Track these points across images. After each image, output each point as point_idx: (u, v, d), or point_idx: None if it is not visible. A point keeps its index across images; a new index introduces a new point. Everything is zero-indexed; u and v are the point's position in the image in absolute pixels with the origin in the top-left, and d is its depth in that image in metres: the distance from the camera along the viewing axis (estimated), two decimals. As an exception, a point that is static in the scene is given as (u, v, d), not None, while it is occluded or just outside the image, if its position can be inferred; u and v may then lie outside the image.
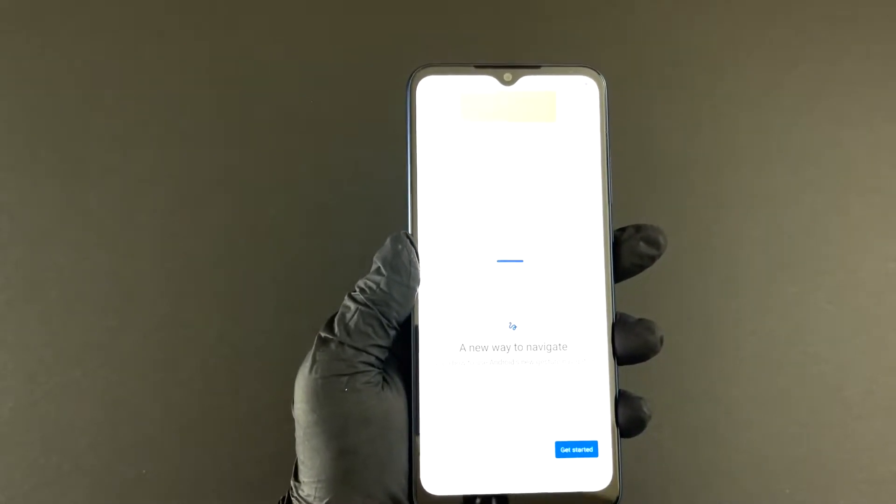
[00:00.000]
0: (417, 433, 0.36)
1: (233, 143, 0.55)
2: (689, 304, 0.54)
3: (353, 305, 0.35)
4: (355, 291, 0.36)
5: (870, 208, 0.55)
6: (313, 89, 0.55)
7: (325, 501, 0.34)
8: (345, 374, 0.34)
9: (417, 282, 0.36)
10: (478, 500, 0.36)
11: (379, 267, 0.36)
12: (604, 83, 0.38)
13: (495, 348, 0.37)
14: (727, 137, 0.55)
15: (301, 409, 0.35)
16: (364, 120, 0.55)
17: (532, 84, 0.38)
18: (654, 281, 0.50)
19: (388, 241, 0.36)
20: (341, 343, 0.35)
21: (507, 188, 0.38)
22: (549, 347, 0.37)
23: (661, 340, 0.36)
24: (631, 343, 0.37)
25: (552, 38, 0.56)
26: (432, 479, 0.36)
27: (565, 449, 0.37)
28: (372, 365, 0.35)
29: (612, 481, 0.36)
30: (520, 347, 0.37)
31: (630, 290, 0.39)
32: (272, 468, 0.51)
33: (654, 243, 0.37)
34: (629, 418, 0.37)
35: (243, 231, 0.54)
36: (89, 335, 0.53)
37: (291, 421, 0.36)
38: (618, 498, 0.36)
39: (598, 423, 0.37)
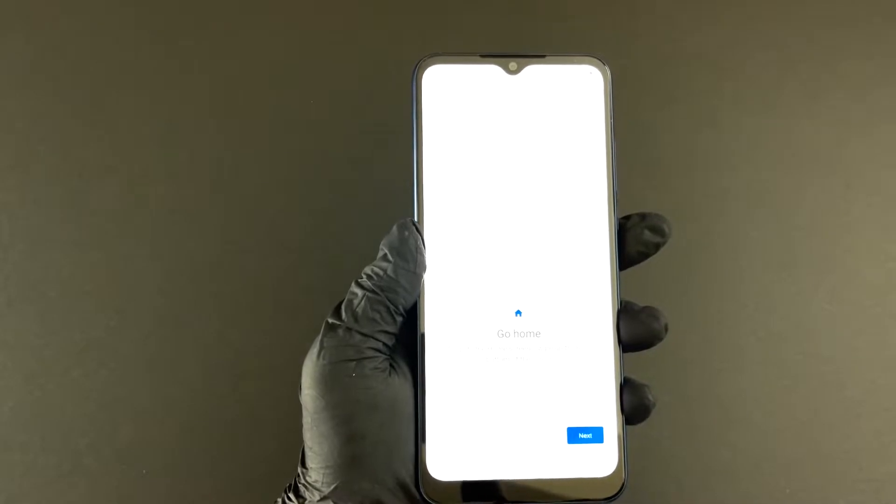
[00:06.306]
0: (424, 419, 0.36)
1: (233, 144, 0.55)
2: (689, 303, 0.54)
3: (360, 292, 0.35)
4: (362, 278, 0.36)
5: (870, 208, 0.55)
6: (313, 89, 0.55)
7: (332, 487, 0.34)
8: (353, 360, 0.34)
9: (423, 268, 0.37)
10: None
11: (385, 253, 0.36)
12: (608, 73, 0.38)
13: (500, 335, 0.37)
14: (727, 137, 0.56)
15: (309, 395, 0.35)
16: (364, 119, 0.55)
17: (537, 73, 0.38)
18: (655, 280, 0.51)
19: (394, 228, 0.36)
20: (349, 329, 0.35)
21: (512, 176, 0.38)
22: (553, 334, 0.37)
23: (666, 328, 0.37)
24: (636, 330, 0.37)
25: (555, 39, 0.57)
26: (438, 465, 0.36)
27: (571, 435, 0.37)
28: (379, 351, 0.35)
29: (617, 467, 0.36)
30: (524, 334, 0.37)
31: (630, 289, 0.39)
32: (272, 468, 0.51)
33: (659, 231, 0.37)
34: (634, 405, 0.37)
35: (243, 231, 0.54)
36: (89, 335, 0.52)
37: (292, 420, 0.36)
38: (623, 484, 0.36)
39: (604, 410, 0.37)
